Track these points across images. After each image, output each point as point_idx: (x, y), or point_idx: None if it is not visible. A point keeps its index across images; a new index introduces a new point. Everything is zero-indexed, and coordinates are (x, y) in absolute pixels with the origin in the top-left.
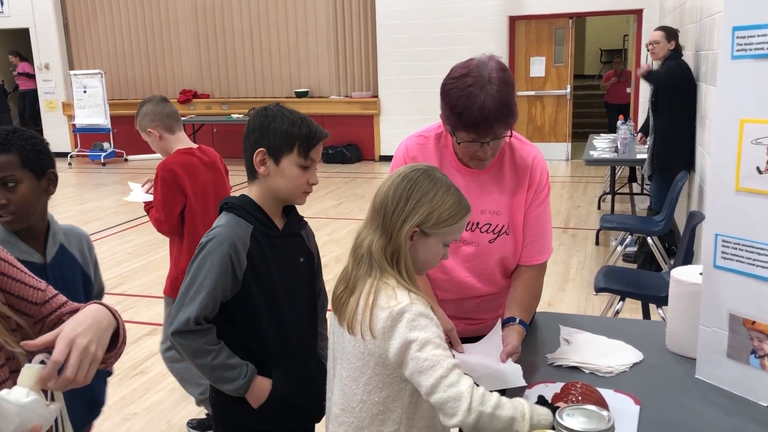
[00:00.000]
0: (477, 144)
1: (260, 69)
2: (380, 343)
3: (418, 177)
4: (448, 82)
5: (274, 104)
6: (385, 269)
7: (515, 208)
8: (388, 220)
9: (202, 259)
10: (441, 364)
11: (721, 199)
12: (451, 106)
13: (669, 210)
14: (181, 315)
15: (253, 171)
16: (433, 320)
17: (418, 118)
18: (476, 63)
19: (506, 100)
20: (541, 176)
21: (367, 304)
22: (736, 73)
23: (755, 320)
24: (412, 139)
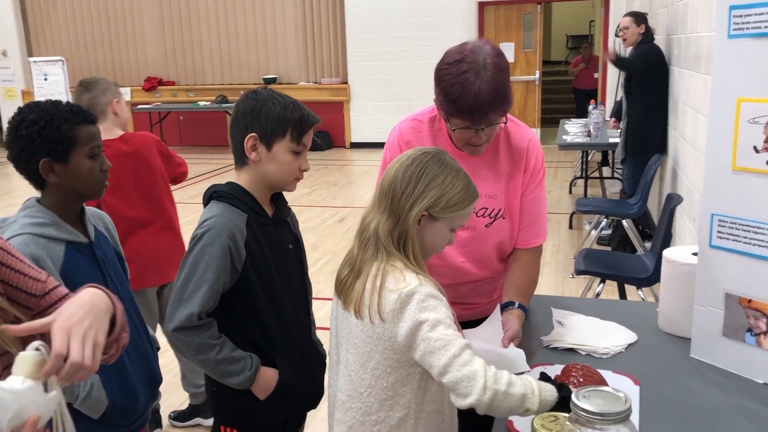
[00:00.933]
0: (472, 130)
1: (227, 55)
2: (389, 327)
3: (428, 160)
4: (443, 68)
5: (262, 87)
6: (391, 252)
7: (511, 191)
8: (396, 202)
9: (200, 252)
10: (453, 343)
11: (717, 179)
12: (446, 93)
13: (643, 193)
14: (181, 311)
15: (242, 157)
16: (443, 301)
17: (389, 105)
18: (471, 48)
19: (501, 87)
20: (537, 159)
21: (374, 287)
22: (733, 52)
23: (751, 298)
24: (406, 123)
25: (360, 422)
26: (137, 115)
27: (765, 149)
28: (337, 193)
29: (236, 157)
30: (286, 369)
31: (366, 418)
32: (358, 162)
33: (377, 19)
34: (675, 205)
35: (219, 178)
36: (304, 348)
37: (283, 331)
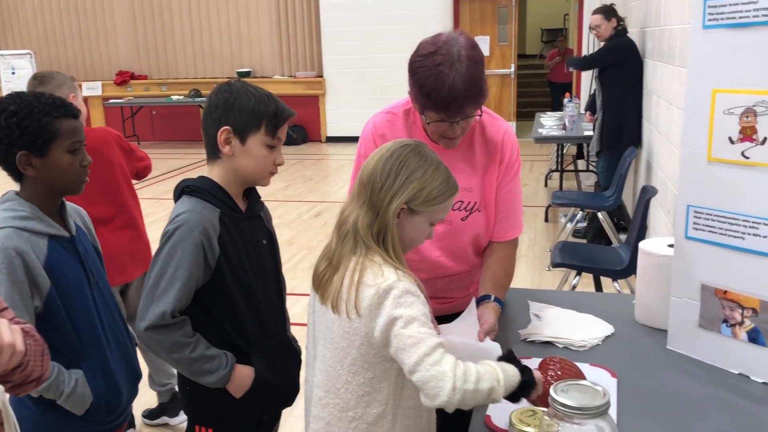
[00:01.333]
0: (446, 123)
1: (200, 48)
2: (366, 322)
3: (408, 153)
4: (416, 60)
5: (236, 80)
6: (370, 246)
7: (487, 184)
8: (375, 195)
9: (172, 248)
10: (425, 341)
11: (693, 171)
12: (420, 85)
13: (618, 185)
14: (154, 309)
15: (215, 150)
16: (420, 298)
17: (365, 98)
18: (445, 39)
19: (476, 79)
20: (512, 152)
21: (352, 281)
22: (708, 43)
23: (727, 290)
24: (381, 116)
25: (337, 418)
26: (109, 109)
27: (740, 140)
28: (313, 188)
29: (208, 151)
30: (261, 366)
31: (343, 414)
32: (334, 156)
33: (352, 12)
34: (650, 197)
35: (193, 173)
36: (279, 344)
37: (259, 328)
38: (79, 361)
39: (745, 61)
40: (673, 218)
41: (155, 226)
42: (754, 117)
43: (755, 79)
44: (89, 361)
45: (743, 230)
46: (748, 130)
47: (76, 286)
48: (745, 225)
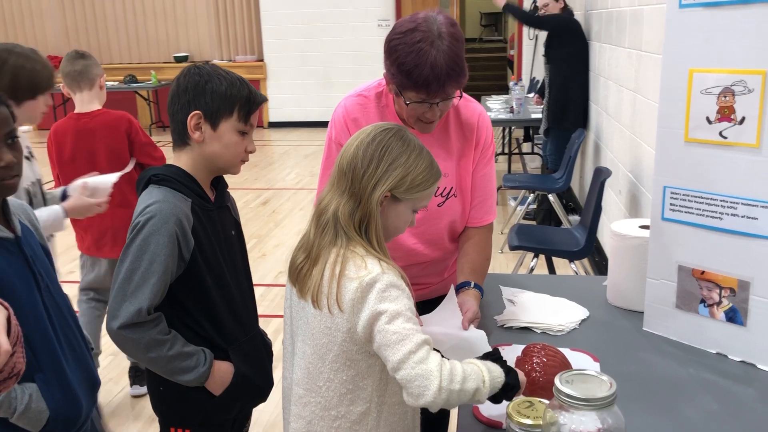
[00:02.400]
0: (426, 105)
1: (134, 32)
2: (348, 317)
3: (390, 138)
4: (394, 38)
5: (204, 62)
6: (352, 237)
7: (462, 168)
8: (357, 183)
9: (144, 241)
10: (410, 338)
11: (670, 151)
12: (399, 63)
13: (568, 167)
14: (128, 306)
15: (183, 137)
16: (405, 292)
17: (309, 82)
18: (423, 17)
19: (458, 57)
20: (487, 135)
21: (333, 275)
22: (685, 22)
23: (705, 270)
24: (351, 99)
25: (319, 417)
26: None
27: (718, 120)
28: (259, 175)
29: (175, 137)
30: (240, 361)
31: (325, 413)
32: (277, 142)
33: None
34: (604, 178)
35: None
36: (253, 338)
37: (235, 321)
38: (33, 374)
39: (722, 41)
40: (625, 198)
41: None
42: (732, 97)
43: (733, 58)
44: (44, 373)
45: (721, 210)
46: (726, 110)
47: (24, 292)
48: (723, 205)
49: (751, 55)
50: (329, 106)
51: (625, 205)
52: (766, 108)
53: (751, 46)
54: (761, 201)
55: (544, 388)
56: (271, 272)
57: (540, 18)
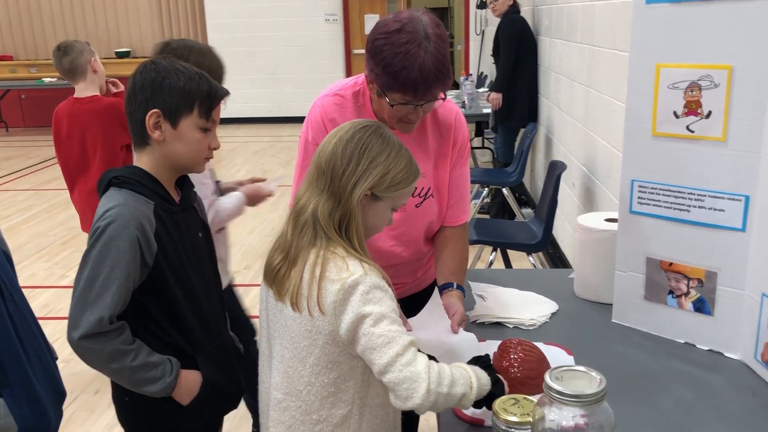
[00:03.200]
0: (411, 106)
1: (72, 27)
2: (330, 319)
3: (370, 136)
4: (379, 38)
5: (161, 57)
6: (332, 237)
7: (440, 168)
8: (337, 182)
9: (104, 247)
10: (396, 340)
11: (637, 145)
12: (385, 65)
13: (521, 161)
14: (89, 315)
15: (143, 136)
16: (388, 293)
17: (255, 78)
18: (408, 17)
19: (445, 58)
20: (464, 134)
21: (313, 276)
22: (651, 17)
23: (673, 262)
24: (328, 99)
25: (300, 422)
26: None
27: (685, 114)
28: None
29: (135, 138)
30: (209, 368)
31: (306, 417)
32: (225, 139)
33: None
34: (560, 172)
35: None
36: (222, 343)
37: (202, 327)
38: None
39: (688, 36)
40: (579, 191)
41: (38, 218)
42: (698, 91)
43: (699, 53)
44: (12, 387)
45: (689, 203)
46: (693, 104)
47: None
48: (691, 197)
49: (717, 50)
50: (277, 102)
51: (579, 198)
52: (731, 102)
53: (717, 41)
54: (727, 193)
55: (523, 383)
56: None
57: (505, 59)
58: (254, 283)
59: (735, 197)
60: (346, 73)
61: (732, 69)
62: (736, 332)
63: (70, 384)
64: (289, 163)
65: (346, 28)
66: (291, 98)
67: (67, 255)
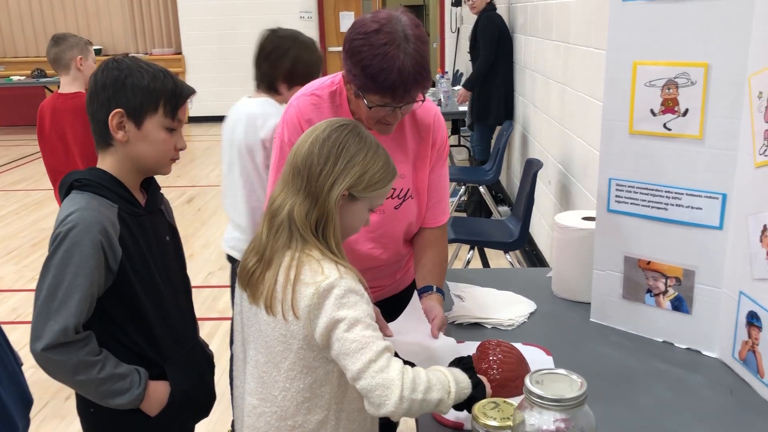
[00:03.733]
0: (389, 108)
1: (41, 23)
2: (304, 324)
3: (347, 135)
4: (357, 38)
5: (124, 55)
6: (307, 239)
7: (419, 169)
8: (313, 182)
9: (66, 253)
10: (370, 346)
11: (615, 143)
12: (364, 66)
13: (497, 159)
14: (52, 325)
15: (106, 137)
16: (364, 297)
17: (229, 76)
18: (387, 17)
19: (425, 60)
20: (443, 134)
21: (288, 279)
22: (628, 15)
23: (651, 260)
24: (304, 99)
25: (275, 428)
26: None
27: (662, 112)
28: (181, 171)
29: (98, 138)
30: (177, 377)
31: (281, 423)
32: (199, 137)
33: None
34: (536, 170)
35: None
36: (192, 350)
37: (170, 335)
38: None
39: (665, 33)
40: (555, 189)
41: (7, 220)
42: (675, 89)
43: (676, 50)
44: None
45: (666, 201)
46: (670, 102)
47: None
48: (668, 196)
49: (693, 48)
50: None
51: (555, 195)
52: (708, 100)
53: (694, 38)
54: (705, 191)
55: (503, 385)
56: (200, 273)
57: (484, 59)
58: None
59: (712, 195)
60: (322, 70)
61: (708, 66)
62: (713, 330)
63: (39, 390)
64: None
65: (321, 26)
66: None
67: (37, 257)
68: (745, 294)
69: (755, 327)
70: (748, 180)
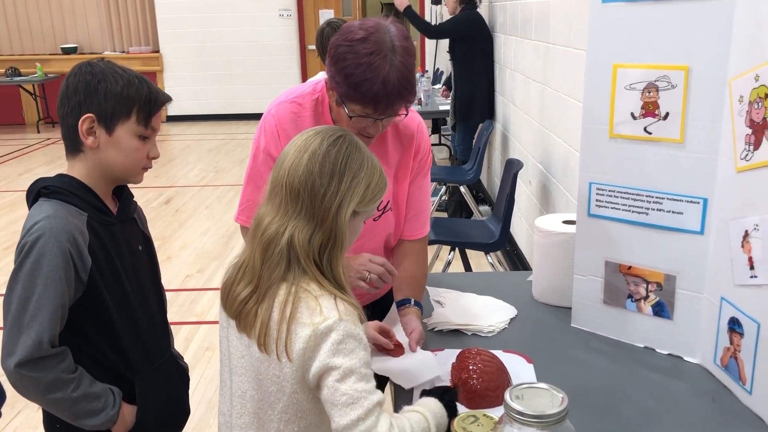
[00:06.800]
0: (370, 120)
1: (15, 22)
2: (298, 366)
3: (347, 148)
4: (343, 44)
5: (99, 59)
6: (307, 269)
7: (400, 180)
8: (317, 203)
9: (35, 264)
10: (360, 402)
11: (595, 147)
12: (347, 74)
13: (477, 159)
14: (25, 339)
15: (76, 143)
16: (362, 342)
17: (207, 74)
18: (374, 25)
19: (410, 73)
20: (426, 144)
21: (283, 317)
22: (607, 16)
23: (631, 265)
24: (284, 106)
25: None
26: None
27: (642, 116)
28: (159, 172)
29: (68, 144)
30: (148, 392)
31: None
32: (177, 137)
33: None
34: (516, 170)
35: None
36: (164, 364)
37: (141, 348)
38: None
39: (645, 36)
40: (535, 189)
41: None
42: (656, 92)
43: (656, 53)
44: None
45: (647, 206)
46: (651, 105)
47: None
48: (649, 200)
49: (674, 51)
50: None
51: (535, 195)
52: (689, 103)
53: (674, 41)
54: (686, 196)
55: (483, 396)
56: (178, 276)
57: (437, 27)
58: (207, 287)
59: (693, 200)
60: (301, 69)
61: (689, 69)
62: (695, 336)
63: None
64: (243, 162)
65: (300, 24)
66: (245, 95)
67: (10, 261)
68: (727, 300)
69: (737, 333)
70: (729, 184)
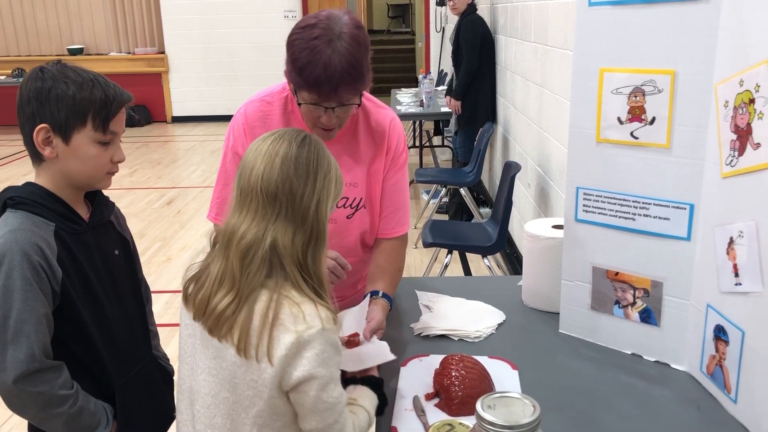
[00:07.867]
0: (321, 108)
1: (22, 23)
2: (278, 371)
3: (315, 148)
4: (295, 32)
5: (53, 62)
6: (289, 272)
7: (372, 177)
8: (297, 204)
9: (8, 280)
10: (336, 407)
11: (582, 151)
12: (293, 59)
13: (478, 161)
14: (15, 354)
15: (36, 153)
16: (338, 349)
17: (212, 75)
18: (327, 14)
19: (357, 61)
20: (399, 141)
21: (265, 322)
22: (594, 20)
23: (619, 271)
24: (253, 105)
25: None
26: None
27: (629, 120)
28: (162, 173)
29: (30, 153)
30: (128, 399)
31: None
32: (182, 138)
33: None
34: (515, 173)
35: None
36: (144, 368)
37: (118, 355)
38: None
39: (631, 40)
40: (534, 191)
41: None
42: (642, 96)
43: (643, 57)
44: None
45: (634, 211)
46: (637, 110)
47: None
48: (636, 206)
49: (660, 55)
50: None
51: (534, 198)
52: (675, 108)
53: (661, 45)
54: (672, 201)
55: (464, 403)
56: (178, 277)
57: (468, 65)
58: None
59: (680, 205)
60: None
61: (675, 74)
62: (682, 343)
63: None
64: None
65: None
66: (249, 96)
67: None
68: (713, 307)
69: (722, 341)
70: (714, 191)
